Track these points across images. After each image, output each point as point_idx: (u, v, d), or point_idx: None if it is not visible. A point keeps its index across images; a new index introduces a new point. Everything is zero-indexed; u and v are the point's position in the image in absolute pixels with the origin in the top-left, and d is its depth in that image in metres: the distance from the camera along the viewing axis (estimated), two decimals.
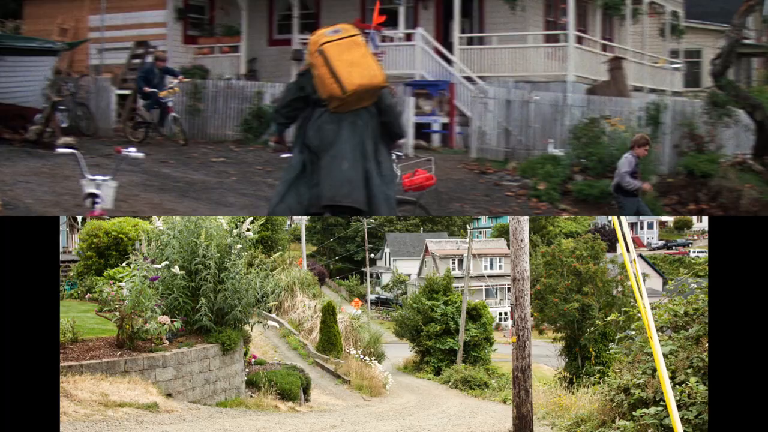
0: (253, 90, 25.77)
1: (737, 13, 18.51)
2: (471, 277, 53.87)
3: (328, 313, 31.53)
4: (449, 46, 26.60)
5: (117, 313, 12.37)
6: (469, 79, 25.24)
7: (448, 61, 25.82)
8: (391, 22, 26.49)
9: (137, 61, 28.32)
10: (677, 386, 7.62)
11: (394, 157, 9.87)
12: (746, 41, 34.51)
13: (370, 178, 8.02)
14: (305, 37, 27.92)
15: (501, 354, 49.08)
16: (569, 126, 19.94)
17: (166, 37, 29.97)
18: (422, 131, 24.30)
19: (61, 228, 27.40)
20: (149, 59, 26.98)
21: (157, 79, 22.52)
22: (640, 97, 25.48)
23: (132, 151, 10.51)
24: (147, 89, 22.32)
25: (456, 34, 26.49)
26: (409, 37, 26.28)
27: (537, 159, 19.31)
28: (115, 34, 30.08)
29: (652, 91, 29.44)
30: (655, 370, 7.91)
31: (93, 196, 9.71)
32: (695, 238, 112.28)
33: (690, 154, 17.67)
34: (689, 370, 7.83)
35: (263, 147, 23.34)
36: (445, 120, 24.51)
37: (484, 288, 77.49)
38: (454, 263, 78.80)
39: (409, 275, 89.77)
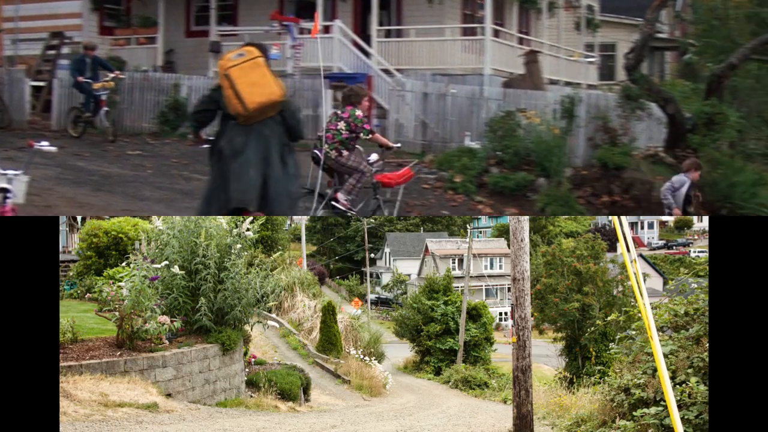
0: (170, 82, 25.49)
1: (650, 8, 18.76)
2: (471, 276, 53.86)
3: (328, 313, 31.53)
4: (367, 39, 26.51)
5: (117, 313, 12.37)
6: (386, 71, 25.16)
7: (366, 54, 25.72)
8: (310, 14, 26.19)
9: (52, 52, 28.01)
10: (678, 386, 7.63)
11: (375, 155, 12.80)
12: (659, 35, 34.88)
13: (271, 183, 9.15)
14: (223, 29, 27.75)
15: (501, 354, 49.11)
16: (486, 119, 20.03)
17: (81, 28, 29.60)
18: None
19: (60, 228, 27.40)
20: (65, 50, 26.99)
21: (90, 70, 21.89)
22: (556, 90, 25.72)
23: (44, 145, 10.11)
24: (81, 79, 21.65)
25: (374, 26, 26.43)
26: (327, 29, 26.05)
27: (454, 152, 19.40)
28: (29, 24, 29.71)
29: (568, 84, 29.70)
30: (655, 370, 7.91)
31: (4, 191, 9.40)
32: (696, 237, 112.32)
33: (604, 147, 17.86)
34: (690, 370, 7.83)
35: (180, 140, 23.28)
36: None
37: (484, 288, 77.50)
38: (454, 263, 78.79)
39: (409, 275, 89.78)
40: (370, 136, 13.62)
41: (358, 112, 13.56)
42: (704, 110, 17.15)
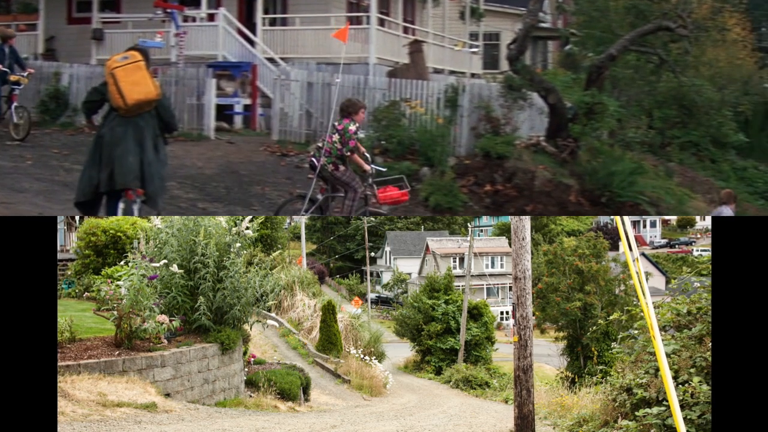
0: (51, 70, 25.05)
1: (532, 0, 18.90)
2: (472, 275, 53.86)
3: (328, 312, 31.54)
4: (252, 27, 26.38)
5: (115, 312, 12.37)
6: (271, 60, 25.06)
7: (251, 42, 25.61)
8: (194, 1, 26.11)
9: None
10: (680, 386, 7.62)
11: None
12: (542, 25, 35.07)
13: (145, 165, 10.67)
14: (106, 16, 27.28)
15: (502, 353, 49.14)
16: (370, 108, 20.07)
17: None
18: (224, 113, 23.89)
19: (58, 226, 27.41)
20: None
21: (7, 61, 20.22)
22: (441, 79, 25.73)
23: None
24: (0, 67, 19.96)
25: (259, 14, 26.30)
26: (211, 17, 25.89)
27: None
28: None
29: (453, 72, 29.78)
30: (657, 369, 7.92)
31: None
32: (698, 236, 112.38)
33: (486, 136, 18.00)
34: (692, 370, 7.83)
35: (61, 129, 22.90)
36: (248, 102, 24.23)
37: (485, 287, 77.52)
38: (455, 262, 78.79)
39: (409, 274, 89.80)
40: (349, 154, 13.71)
41: (351, 126, 13.65)
42: (584, 100, 17.44)
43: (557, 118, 18.17)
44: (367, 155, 14.37)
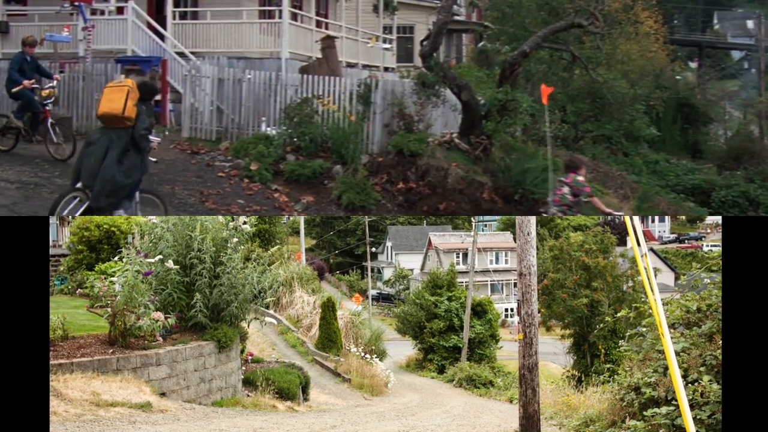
0: None
1: None
2: (476, 271, 53.87)
3: (328, 309, 31.57)
4: (162, 21, 26.21)
5: (109, 309, 12.38)
6: (182, 55, 24.95)
7: (161, 37, 25.43)
8: None
9: None
10: (690, 385, 7.62)
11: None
12: (456, 18, 35.12)
13: (101, 168, 11.87)
14: (12, 8, 27.08)
15: (507, 351, 49.12)
16: (282, 105, 20.05)
17: None
18: None
19: (51, 221, 27.43)
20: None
21: (30, 74, 18.02)
22: (354, 73, 25.79)
23: None
24: (28, 83, 17.72)
25: (169, 8, 26.19)
26: (120, 10, 25.64)
27: (250, 139, 19.48)
28: None
29: (366, 66, 29.76)
30: (666, 368, 7.91)
31: None
32: (708, 231, 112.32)
33: (400, 134, 18.14)
34: (702, 368, 7.83)
35: None
36: (158, 97, 24.08)
37: (489, 283, 77.57)
38: (458, 257, 78.80)
39: (411, 270, 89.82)
40: (589, 198, 14.32)
41: (580, 177, 14.26)
42: (498, 97, 17.61)
43: (470, 115, 18.36)
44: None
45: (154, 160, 13.71)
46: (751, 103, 52.75)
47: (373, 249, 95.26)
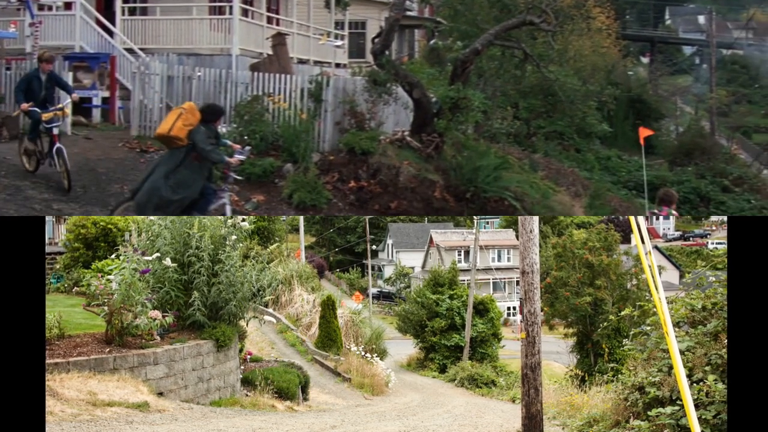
0: None
1: None
2: (478, 269, 53.89)
3: (328, 307, 31.56)
4: (111, 17, 26.02)
5: (106, 308, 12.39)
6: (131, 51, 24.77)
7: (110, 33, 25.26)
8: None
9: None
10: (695, 384, 7.62)
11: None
12: (409, 13, 35.19)
13: (147, 181, 12.30)
14: None
15: (509, 351, 49.14)
16: (233, 103, 20.04)
17: None
18: (82, 106, 22.85)
19: (47, 218, 27.43)
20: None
21: (43, 92, 16.27)
22: (306, 70, 25.83)
23: None
24: (26, 107, 15.71)
25: (118, 3, 25.96)
26: (68, 5, 25.26)
27: None
28: None
29: (318, 63, 29.75)
30: (671, 367, 7.91)
31: None
32: (713, 228, 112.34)
33: (351, 132, 18.18)
34: (707, 368, 7.82)
35: None
36: (106, 94, 23.91)
37: (491, 281, 77.53)
38: (460, 255, 78.88)
39: (412, 268, 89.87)
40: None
41: (674, 212, 14.72)
42: (449, 95, 17.68)
43: (422, 113, 18.42)
44: None
45: (238, 177, 13.93)
46: (702, 98, 53.34)
47: (374, 246, 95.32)
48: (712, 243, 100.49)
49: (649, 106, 39.58)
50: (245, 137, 18.08)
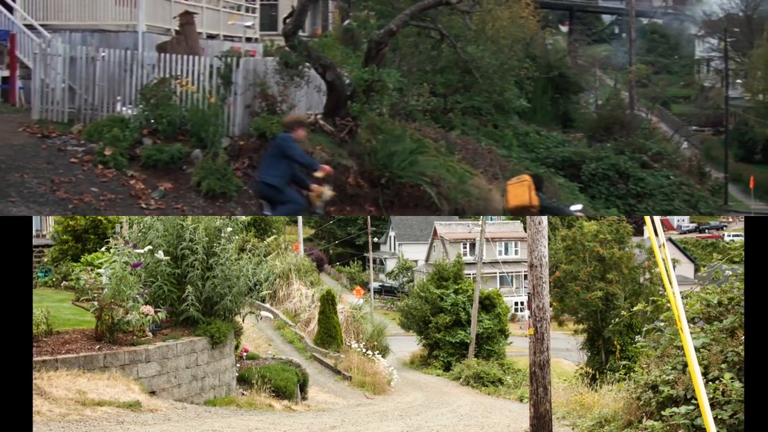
0: None
1: None
2: (484, 263, 53.87)
3: (327, 302, 31.58)
4: None
5: (95, 303, 12.39)
6: (32, 28, 23.93)
7: (10, 9, 24.49)
8: None
9: None
10: (710, 383, 7.62)
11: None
12: None
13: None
14: None
15: (517, 348, 49.20)
16: (139, 84, 19.92)
17: None
18: None
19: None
20: None
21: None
22: (216, 45, 25.76)
23: None
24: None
25: None
26: None
27: (104, 121, 19.17)
28: None
29: (228, 38, 29.61)
30: (686, 365, 7.91)
31: None
32: (730, 220, 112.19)
33: (262, 116, 18.06)
34: (723, 366, 7.82)
35: None
36: (6, 74, 23.52)
37: (498, 275, 77.59)
38: (465, 248, 78.82)
39: (416, 261, 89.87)
40: None
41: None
42: (364, 77, 17.61)
43: (336, 96, 18.40)
44: None
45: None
46: (621, 68, 53.92)
47: (376, 239, 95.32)
48: (729, 235, 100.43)
49: (567, 80, 39.84)
50: (152, 121, 17.94)
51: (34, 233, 27.84)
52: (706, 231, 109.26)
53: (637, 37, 55.55)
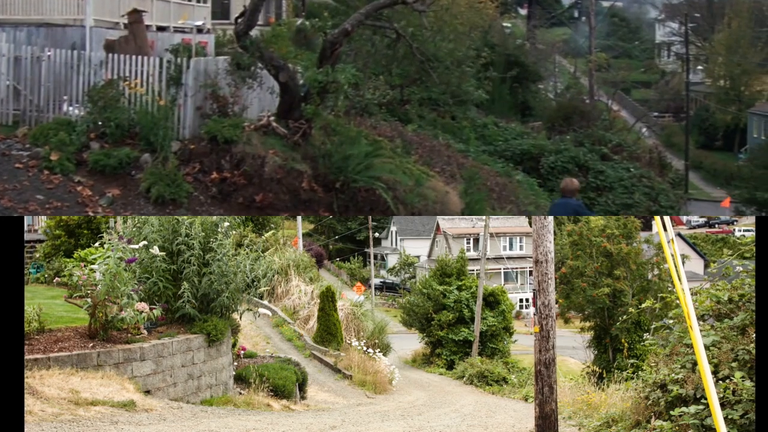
0: None
1: None
2: (488, 258, 53.89)
3: (327, 299, 31.59)
4: None
5: (89, 300, 12.39)
6: None
7: None
8: None
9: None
10: (720, 382, 7.62)
11: None
12: None
13: None
14: None
15: (522, 346, 49.24)
16: (86, 83, 19.76)
17: None
18: None
19: None
20: None
21: None
22: (166, 38, 25.38)
23: None
24: None
25: None
26: None
27: (50, 124, 18.93)
28: None
29: (178, 30, 29.51)
30: (695, 363, 7.91)
31: None
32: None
33: (213, 118, 17.94)
34: (734, 364, 7.82)
35: None
36: None
37: (502, 271, 77.60)
38: (469, 243, 78.88)
39: (418, 257, 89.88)
40: None
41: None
42: (318, 78, 17.54)
43: (289, 97, 18.32)
44: None
45: None
46: (581, 53, 54.60)
47: (377, 234, 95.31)
48: (739, 230, 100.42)
49: (526, 68, 39.90)
50: (99, 123, 17.79)
51: (25, 228, 27.86)
52: (717, 226, 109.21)
53: (598, 21, 55.59)
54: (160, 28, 27.42)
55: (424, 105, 27.16)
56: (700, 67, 57.16)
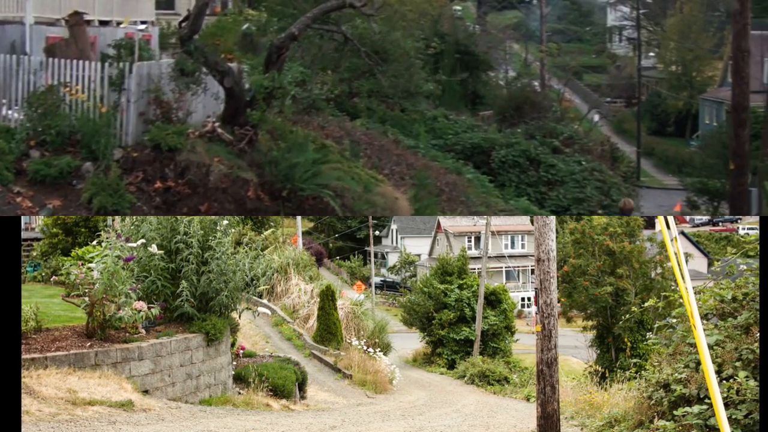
0: None
1: None
2: (489, 257, 53.89)
3: (327, 298, 31.59)
4: None
5: (86, 299, 12.39)
6: None
7: None
8: None
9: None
10: (724, 381, 7.62)
11: None
12: None
13: None
14: None
15: (523, 345, 49.21)
16: (25, 88, 19.56)
17: None
18: None
19: None
20: None
21: None
22: (109, 33, 25.02)
23: None
24: None
25: None
26: None
27: None
28: None
29: (120, 24, 29.31)
30: (698, 363, 7.91)
31: None
32: None
33: (157, 125, 17.72)
34: (738, 364, 7.82)
35: None
36: None
37: (504, 270, 77.61)
38: (470, 241, 78.86)
39: (418, 255, 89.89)
40: None
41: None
42: (264, 84, 17.46)
43: (234, 103, 18.20)
44: None
45: None
46: (531, 37, 54.85)
47: (377, 232, 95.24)
48: (743, 228, 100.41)
49: (477, 58, 39.83)
50: (39, 129, 17.62)
51: (22, 226, 27.85)
52: (720, 224, 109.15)
53: (549, 5, 55.48)
54: (103, 23, 27.01)
55: (373, 97, 27.14)
56: (651, 54, 57.11)
